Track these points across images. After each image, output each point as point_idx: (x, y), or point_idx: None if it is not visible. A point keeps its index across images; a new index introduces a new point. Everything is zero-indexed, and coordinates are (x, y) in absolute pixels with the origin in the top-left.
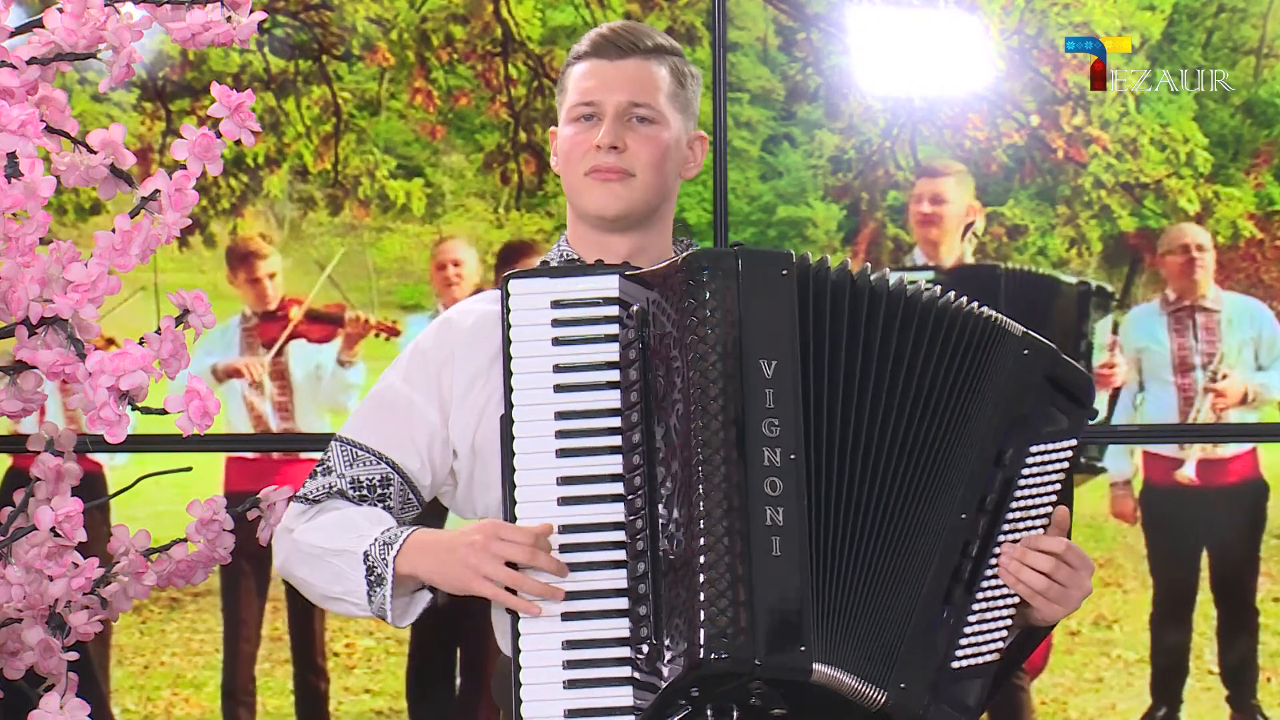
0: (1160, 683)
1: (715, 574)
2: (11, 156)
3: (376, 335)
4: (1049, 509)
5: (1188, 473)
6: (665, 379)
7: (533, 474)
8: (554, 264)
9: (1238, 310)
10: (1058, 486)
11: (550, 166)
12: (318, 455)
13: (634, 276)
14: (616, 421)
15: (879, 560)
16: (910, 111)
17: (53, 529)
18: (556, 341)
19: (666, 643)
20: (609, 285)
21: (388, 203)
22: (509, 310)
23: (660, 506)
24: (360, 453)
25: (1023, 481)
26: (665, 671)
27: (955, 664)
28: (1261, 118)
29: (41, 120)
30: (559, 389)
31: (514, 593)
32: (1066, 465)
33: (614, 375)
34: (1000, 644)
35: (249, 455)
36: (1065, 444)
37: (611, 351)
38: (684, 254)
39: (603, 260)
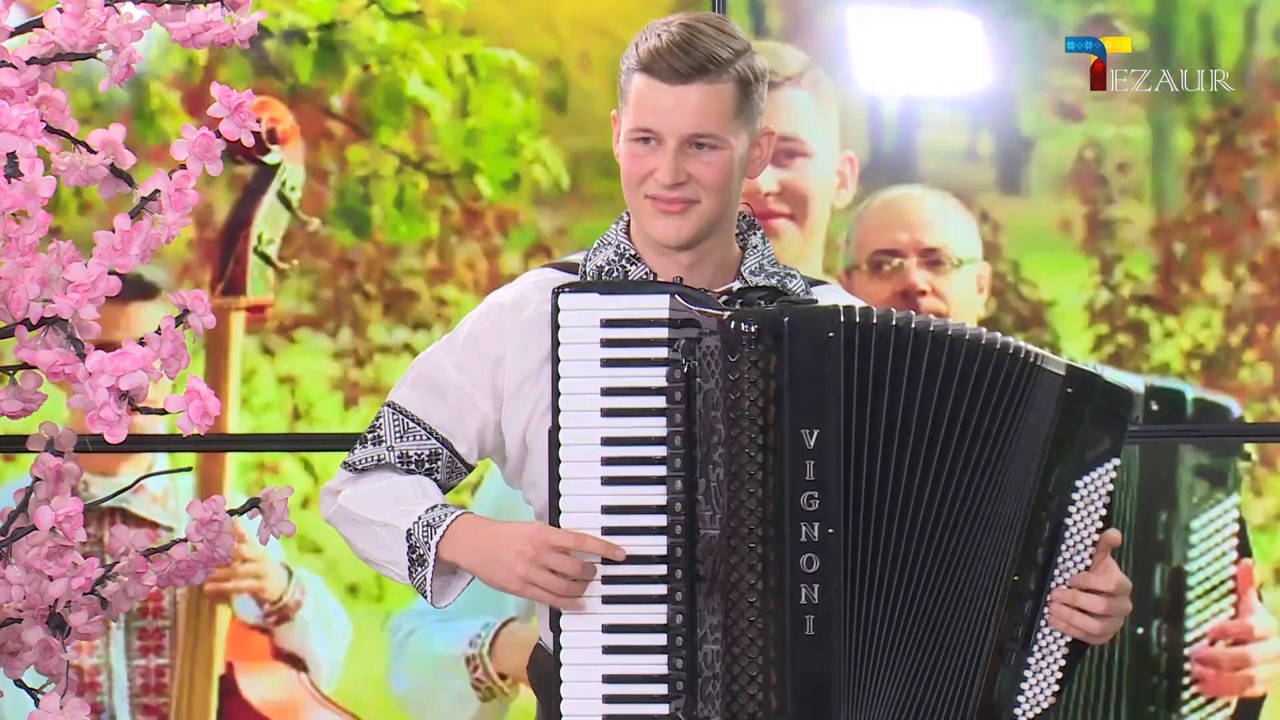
0: None
1: (746, 654)
2: (11, 156)
3: None
4: (1097, 536)
5: None
6: (706, 431)
7: (578, 500)
8: (611, 250)
9: None
10: (1104, 511)
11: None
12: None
13: (685, 303)
14: (662, 451)
15: (928, 631)
16: (909, 112)
17: (53, 529)
18: (605, 363)
19: (700, 703)
20: (660, 305)
21: None
22: (559, 326)
23: (698, 561)
24: (412, 425)
25: (1069, 520)
26: None
27: None
28: None
29: (41, 120)
30: (606, 413)
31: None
32: (1111, 485)
33: (660, 402)
34: (1058, 686)
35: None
36: (1109, 465)
37: (659, 377)
38: (729, 310)
39: (656, 275)
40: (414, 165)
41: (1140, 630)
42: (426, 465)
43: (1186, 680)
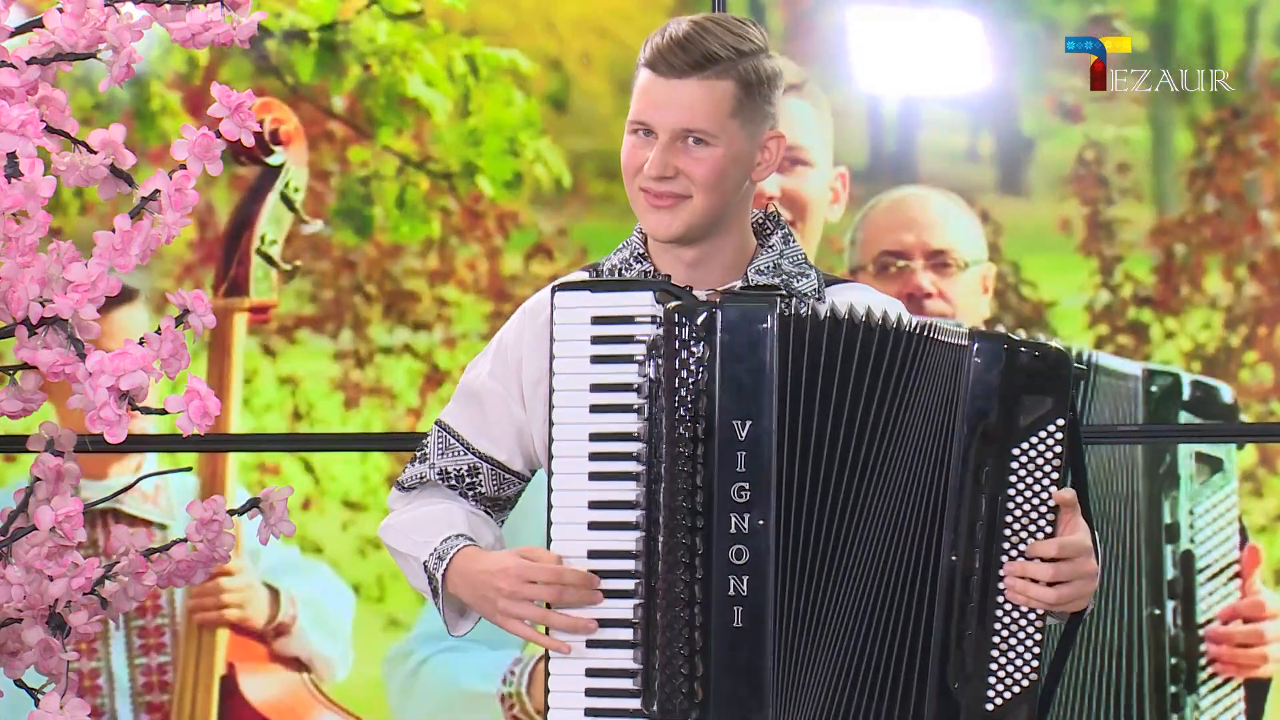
0: None
1: (674, 646)
2: (11, 156)
3: None
4: (1054, 501)
5: None
6: (657, 426)
7: (568, 495)
8: (628, 250)
9: None
10: (1055, 475)
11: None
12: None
13: (656, 300)
14: (637, 447)
15: (859, 619)
16: (909, 112)
17: (53, 529)
18: (594, 360)
19: (650, 696)
20: (642, 302)
21: None
22: (554, 323)
23: (655, 556)
24: (453, 441)
25: (1012, 490)
26: None
27: (990, 705)
28: None
29: (41, 120)
30: (594, 409)
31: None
32: (1061, 448)
33: (637, 398)
34: (1036, 662)
35: None
36: (1053, 426)
37: (634, 373)
38: (673, 304)
39: (657, 273)
40: (415, 165)
41: (1156, 611)
42: (468, 480)
43: (1203, 661)
